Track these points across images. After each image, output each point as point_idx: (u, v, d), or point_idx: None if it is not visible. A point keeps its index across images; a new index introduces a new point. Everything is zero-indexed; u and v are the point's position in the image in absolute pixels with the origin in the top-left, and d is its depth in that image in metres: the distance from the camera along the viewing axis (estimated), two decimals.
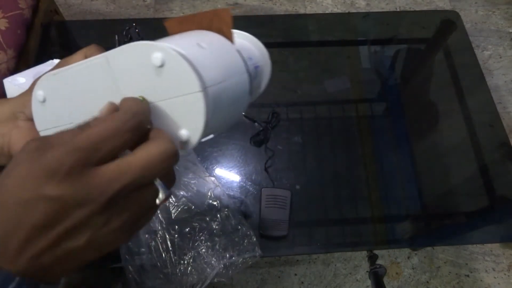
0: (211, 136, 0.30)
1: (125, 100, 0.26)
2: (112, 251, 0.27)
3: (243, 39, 0.35)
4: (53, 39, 0.97)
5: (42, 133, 0.32)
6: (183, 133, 0.27)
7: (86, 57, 0.32)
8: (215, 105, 0.26)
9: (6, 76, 0.74)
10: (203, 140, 0.29)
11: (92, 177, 0.23)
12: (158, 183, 0.26)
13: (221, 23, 0.30)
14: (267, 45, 0.35)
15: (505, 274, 1.28)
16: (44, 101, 0.30)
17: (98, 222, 0.24)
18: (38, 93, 0.30)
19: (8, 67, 0.93)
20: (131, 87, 0.27)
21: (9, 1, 0.98)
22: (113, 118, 0.24)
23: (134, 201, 0.25)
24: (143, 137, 0.26)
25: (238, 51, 0.30)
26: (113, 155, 0.24)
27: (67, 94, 0.30)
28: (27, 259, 0.22)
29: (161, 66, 0.25)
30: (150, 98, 0.27)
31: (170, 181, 0.28)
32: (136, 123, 0.25)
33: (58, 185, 0.22)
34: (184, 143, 0.27)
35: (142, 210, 0.26)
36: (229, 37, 0.31)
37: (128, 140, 0.24)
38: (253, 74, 0.33)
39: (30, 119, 0.32)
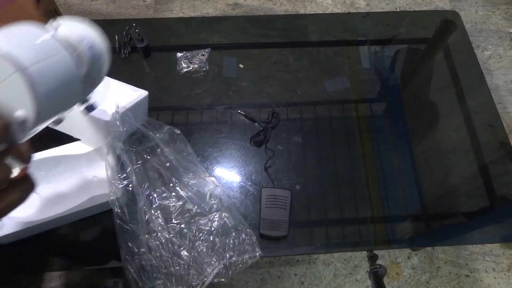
0: (59, 116, 0.33)
1: None
2: None
3: (76, 23, 0.39)
4: None
5: None
6: (19, 113, 0.28)
7: None
8: (42, 83, 0.29)
9: None
10: (49, 122, 0.32)
11: None
12: (8, 161, 0.28)
13: (27, 16, 0.32)
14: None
15: (505, 274, 1.28)
16: None
17: None
18: None
19: None
20: None
21: (9, 1, 0.98)
22: None
23: None
24: None
25: (52, 35, 0.32)
26: None
27: None
28: None
29: None
30: None
31: (22, 156, 0.29)
32: None
33: None
34: (24, 123, 0.29)
35: None
36: (39, 24, 0.32)
37: None
38: (88, 53, 0.37)
39: None
